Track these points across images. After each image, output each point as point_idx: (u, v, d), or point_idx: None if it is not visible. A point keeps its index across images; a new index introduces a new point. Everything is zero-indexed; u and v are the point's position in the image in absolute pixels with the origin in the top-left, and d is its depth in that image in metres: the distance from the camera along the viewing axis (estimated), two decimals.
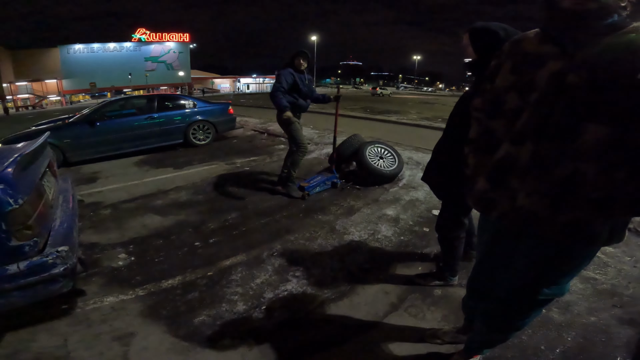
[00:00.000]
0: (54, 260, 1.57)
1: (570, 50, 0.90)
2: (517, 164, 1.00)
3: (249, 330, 1.81)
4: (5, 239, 1.46)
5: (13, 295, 1.55)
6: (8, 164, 1.63)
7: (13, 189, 1.50)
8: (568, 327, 1.78)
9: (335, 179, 4.04)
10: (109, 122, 6.14)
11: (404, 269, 2.32)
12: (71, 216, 2.09)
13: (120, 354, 1.67)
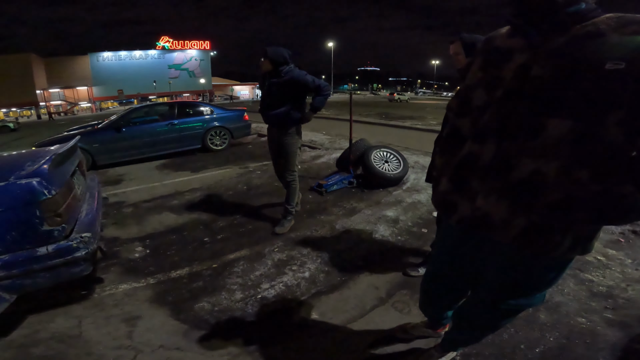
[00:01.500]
0: (77, 244, 1.81)
1: (536, 42, 0.87)
2: (479, 163, 0.96)
3: (243, 315, 1.99)
4: (38, 223, 1.70)
5: (40, 276, 1.78)
6: (44, 161, 1.89)
7: (47, 182, 1.75)
8: (552, 327, 1.77)
9: (352, 178, 4.28)
10: (134, 128, 6.55)
11: (396, 266, 2.43)
12: (95, 209, 2.34)
13: (126, 334, 1.87)
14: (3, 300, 1.72)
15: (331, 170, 5.00)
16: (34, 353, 1.76)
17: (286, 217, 3.12)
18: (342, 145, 6.76)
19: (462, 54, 1.77)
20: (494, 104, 0.94)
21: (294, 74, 2.83)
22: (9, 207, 1.64)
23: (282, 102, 2.87)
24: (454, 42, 1.82)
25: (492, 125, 0.93)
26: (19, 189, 1.68)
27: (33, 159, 2.04)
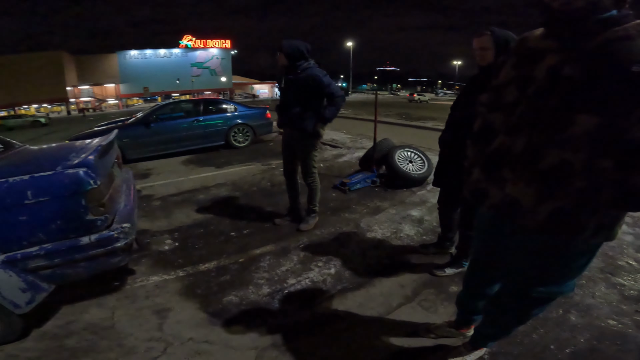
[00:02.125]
0: (118, 234, 1.87)
1: (568, 45, 0.94)
2: (510, 153, 1.05)
3: (270, 310, 2.03)
4: (84, 213, 1.76)
5: (80, 266, 1.83)
6: (90, 152, 1.95)
7: (94, 172, 1.80)
8: (583, 329, 1.77)
9: (375, 177, 4.29)
10: (161, 124, 6.74)
11: (422, 265, 2.41)
12: (132, 201, 2.41)
13: (156, 326, 1.93)
14: (42, 290, 1.78)
15: (353, 169, 5.00)
16: (68, 344, 1.83)
17: (310, 215, 3.14)
18: (364, 144, 6.75)
19: (491, 49, 1.70)
20: (526, 100, 1.01)
21: (312, 71, 2.66)
22: (55, 196, 1.71)
23: (298, 102, 2.73)
24: (482, 36, 1.74)
25: (524, 120, 1.01)
26: (66, 178, 1.74)
27: (77, 150, 2.11)
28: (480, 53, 1.76)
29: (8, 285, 1.64)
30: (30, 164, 2.01)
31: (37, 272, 1.74)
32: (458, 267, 2.29)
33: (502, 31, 1.71)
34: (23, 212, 1.66)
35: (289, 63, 2.69)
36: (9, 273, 1.65)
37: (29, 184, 1.67)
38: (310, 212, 3.13)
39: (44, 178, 1.72)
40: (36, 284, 1.74)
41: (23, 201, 1.65)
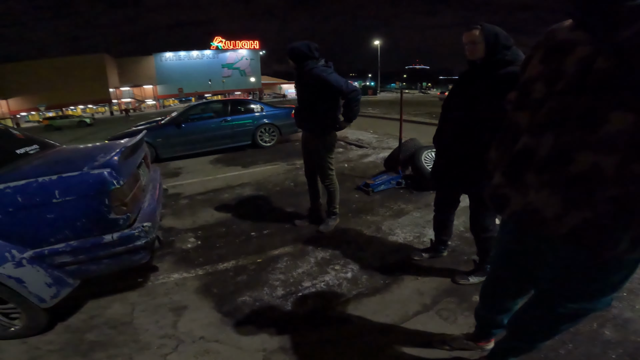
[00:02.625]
0: (139, 233, 1.93)
1: (600, 34, 0.86)
2: (534, 156, 0.95)
3: (282, 312, 2.02)
4: (107, 212, 1.84)
5: (103, 263, 1.92)
6: (115, 153, 2.03)
7: (117, 173, 1.88)
8: (618, 345, 1.63)
9: (400, 179, 4.16)
10: (192, 125, 6.97)
11: (445, 272, 2.31)
12: (156, 201, 2.49)
13: (171, 323, 1.98)
14: (67, 285, 1.87)
15: (378, 170, 4.90)
16: (87, 338, 1.91)
17: (330, 217, 3.10)
18: (390, 144, 6.61)
19: (481, 42, 1.69)
20: (554, 96, 0.92)
21: (315, 70, 2.59)
22: (81, 195, 1.79)
23: (310, 104, 2.71)
24: (472, 30, 1.72)
25: (551, 118, 0.92)
26: (92, 178, 1.82)
27: (105, 151, 2.21)
28: (470, 47, 1.74)
29: (35, 279, 1.74)
30: (61, 164, 2.12)
31: (63, 268, 1.84)
32: (483, 275, 2.17)
33: (492, 26, 1.70)
34: (51, 210, 1.75)
35: (296, 65, 2.69)
36: (36, 268, 1.75)
37: (56, 184, 1.76)
38: (331, 214, 3.10)
39: (71, 178, 1.80)
40: (61, 279, 1.84)
41: (51, 200, 1.74)
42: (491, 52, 1.68)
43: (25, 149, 2.38)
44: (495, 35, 1.66)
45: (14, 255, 1.71)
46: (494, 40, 1.66)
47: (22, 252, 1.73)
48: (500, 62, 1.68)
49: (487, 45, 1.67)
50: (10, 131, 2.65)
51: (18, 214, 1.70)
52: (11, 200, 1.69)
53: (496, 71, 1.68)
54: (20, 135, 2.62)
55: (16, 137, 2.56)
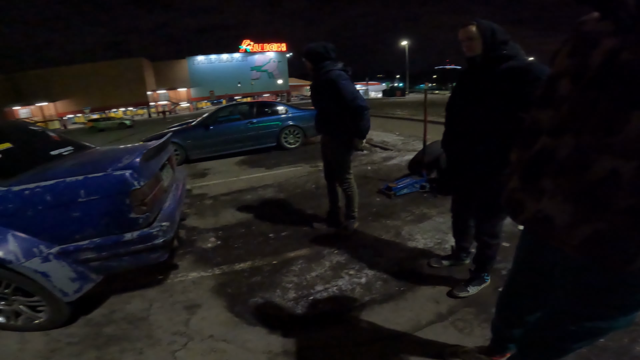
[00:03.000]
0: (157, 232, 2.01)
1: (626, 24, 0.79)
2: (552, 159, 0.90)
3: (291, 315, 2.02)
4: (127, 211, 1.93)
5: (123, 260, 2.01)
6: (136, 155, 2.12)
7: (138, 174, 1.97)
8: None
9: (424, 182, 4.04)
10: (220, 126, 7.18)
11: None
12: (177, 201, 2.58)
13: (184, 320, 2.04)
14: (89, 280, 1.97)
15: (402, 173, 4.80)
16: (105, 332, 1.99)
17: (349, 220, 3.06)
18: (416, 147, 6.45)
19: (478, 39, 1.64)
20: (576, 93, 0.86)
21: (333, 74, 2.52)
22: (105, 195, 1.89)
23: (325, 106, 2.67)
24: (467, 26, 1.67)
25: (572, 117, 0.86)
26: (114, 179, 1.92)
27: (130, 153, 2.31)
28: (467, 44, 1.69)
29: (60, 274, 1.85)
30: (88, 165, 2.24)
31: (86, 264, 1.94)
32: (481, 283, 2.09)
33: (488, 21, 1.66)
34: (77, 209, 1.86)
35: (312, 66, 2.65)
36: (61, 263, 1.86)
37: (82, 184, 1.87)
38: (349, 217, 3.06)
39: (96, 179, 1.91)
40: (85, 275, 1.95)
41: (77, 199, 1.85)
42: (489, 48, 1.64)
43: (59, 151, 2.55)
44: (492, 31, 1.62)
45: (42, 251, 1.82)
46: (490, 35, 1.62)
47: (49, 248, 1.85)
48: (500, 57, 1.63)
49: (484, 41, 1.64)
50: (47, 133, 2.84)
51: (47, 212, 1.82)
52: (41, 199, 1.81)
53: (497, 67, 1.64)
54: (56, 138, 2.81)
55: (52, 139, 2.74)
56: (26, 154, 2.32)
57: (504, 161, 1.64)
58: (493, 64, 1.65)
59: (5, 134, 2.35)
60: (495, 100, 1.64)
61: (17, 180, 1.89)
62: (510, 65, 1.59)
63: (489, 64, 1.66)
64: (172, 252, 2.69)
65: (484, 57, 1.67)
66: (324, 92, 2.62)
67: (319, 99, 2.73)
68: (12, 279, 1.84)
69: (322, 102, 2.68)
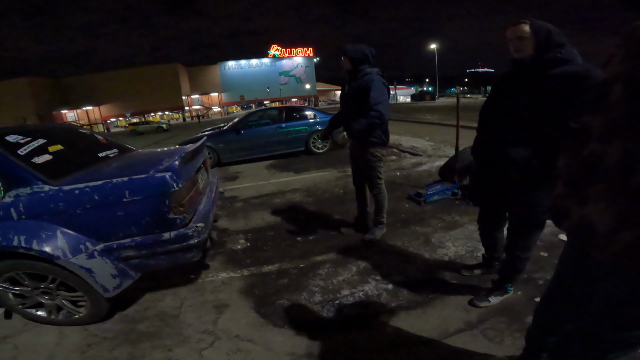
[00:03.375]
0: (192, 232, 2.09)
1: None
2: (600, 165, 0.89)
3: (317, 318, 2.04)
4: (166, 212, 2.02)
5: (160, 259, 2.10)
6: (176, 158, 2.23)
7: (177, 176, 2.06)
8: None
9: (456, 189, 3.96)
10: (250, 131, 7.38)
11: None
12: (211, 203, 2.67)
13: (212, 320, 2.10)
14: (129, 277, 2.07)
15: (433, 179, 4.71)
16: (138, 329, 2.08)
17: (377, 226, 3.05)
18: (447, 152, 6.31)
19: (530, 39, 1.50)
20: (627, 99, 0.86)
21: (369, 77, 2.52)
22: (146, 196, 2.00)
23: (357, 110, 2.60)
24: (519, 24, 1.53)
25: (621, 124, 0.86)
26: (156, 181, 2.02)
27: (169, 155, 2.44)
28: (516, 43, 1.55)
29: (102, 270, 1.97)
30: (132, 167, 2.38)
31: (127, 261, 2.06)
32: (503, 294, 2.02)
33: (543, 22, 1.51)
34: (121, 208, 1.97)
35: (352, 67, 2.62)
36: (105, 260, 1.98)
37: (127, 185, 1.99)
38: (378, 223, 3.05)
39: (140, 180, 2.02)
40: (125, 272, 2.06)
41: (122, 199, 1.97)
42: (542, 50, 1.49)
43: (106, 153, 2.73)
44: (547, 32, 1.48)
45: (88, 247, 1.95)
46: (545, 36, 1.48)
47: (95, 245, 1.98)
48: (554, 60, 1.48)
49: (537, 42, 1.49)
50: (95, 136, 3.05)
51: (94, 211, 1.95)
52: (89, 198, 1.94)
53: (549, 70, 1.49)
54: (103, 140, 3.01)
55: (99, 142, 2.94)
56: (76, 156, 2.48)
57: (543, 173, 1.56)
58: (544, 68, 1.51)
59: (56, 136, 2.52)
60: (541, 107, 1.50)
61: (67, 180, 2.03)
62: (566, 70, 1.45)
63: (540, 67, 1.52)
64: (204, 252, 2.79)
65: (535, 59, 1.53)
66: (356, 96, 2.61)
67: (349, 103, 2.70)
68: (58, 274, 1.96)
69: (356, 104, 2.62)
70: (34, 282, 2.04)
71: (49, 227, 1.91)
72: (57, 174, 2.07)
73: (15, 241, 1.84)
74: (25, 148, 2.13)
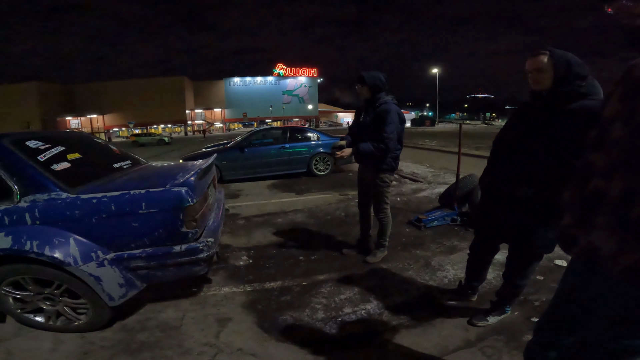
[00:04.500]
0: (202, 247, 2.15)
1: None
2: (604, 200, 0.95)
3: (319, 335, 2.07)
4: (180, 225, 2.08)
5: (169, 270, 2.13)
6: (192, 174, 2.29)
7: (192, 192, 2.13)
8: None
9: (456, 215, 4.05)
10: (254, 150, 7.48)
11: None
12: (219, 219, 2.73)
13: (215, 332, 2.12)
14: (135, 288, 2.09)
15: (432, 205, 4.81)
16: (138, 338, 2.08)
17: (379, 248, 3.11)
18: (447, 179, 6.44)
19: (549, 71, 1.47)
20: (626, 138, 0.91)
21: (387, 106, 2.57)
22: (162, 209, 2.06)
23: (372, 137, 2.64)
24: (539, 55, 1.50)
25: (621, 162, 0.91)
26: (172, 195, 2.08)
27: (183, 170, 2.51)
28: (535, 76, 1.52)
29: (110, 279, 2.00)
30: (148, 179, 2.45)
31: (135, 271, 2.09)
32: (501, 314, 2.09)
33: (564, 52, 1.47)
34: (136, 219, 2.04)
35: (371, 95, 2.64)
36: (114, 269, 2.02)
37: (144, 197, 2.06)
38: (379, 245, 3.11)
39: (156, 193, 2.09)
40: (132, 282, 2.09)
41: (138, 210, 2.03)
42: (561, 83, 1.46)
43: (120, 164, 2.79)
44: (567, 63, 1.45)
45: (99, 256, 1.98)
46: (565, 68, 1.45)
47: (106, 254, 2.01)
48: (572, 94, 1.45)
49: (556, 74, 1.46)
50: (110, 147, 3.14)
51: (109, 220, 2.01)
52: (106, 208, 2.00)
53: (566, 105, 1.46)
54: (117, 151, 3.10)
55: (114, 153, 3.03)
56: (92, 165, 2.54)
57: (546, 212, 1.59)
58: (563, 101, 1.47)
59: (74, 145, 2.57)
60: (556, 143, 1.46)
61: (84, 189, 2.08)
62: (584, 105, 1.40)
63: (558, 100, 1.48)
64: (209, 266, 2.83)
65: (552, 91, 1.49)
66: (374, 122, 2.63)
67: (363, 130, 2.73)
68: (66, 280, 1.96)
69: (367, 133, 2.66)
70: (37, 287, 2.03)
71: (63, 234, 1.93)
72: (75, 182, 2.10)
73: (27, 246, 1.86)
74: (45, 154, 2.17)
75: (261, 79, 62.44)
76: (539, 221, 1.66)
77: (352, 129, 2.96)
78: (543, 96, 1.54)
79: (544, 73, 1.49)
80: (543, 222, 1.65)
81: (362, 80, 2.63)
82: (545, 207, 1.60)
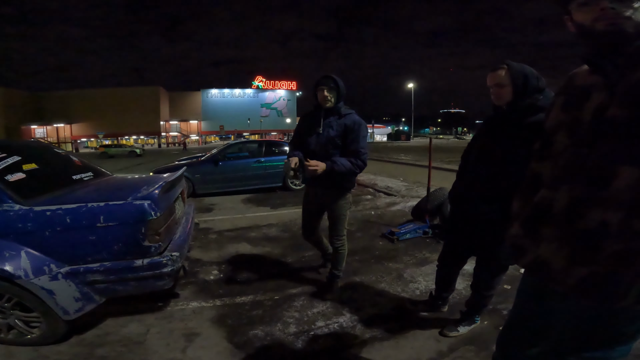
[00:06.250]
0: (166, 261, 2.07)
1: (613, 79, 0.81)
2: (550, 210, 0.93)
3: (291, 350, 2.02)
4: (142, 239, 2.00)
5: (130, 285, 2.05)
6: (156, 187, 2.22)
7: (156, 205, 2.06)
8: None
9: (427, 228, 4.11)
10: (228, 163, 7.37)
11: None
12: (187, 233, 2.65)
13: (181, 347, 2.04)
14: (92, 302, 2.00)
15: (406, 218, 4.87)
16: (97, 353, 1.98)
17: (335, 281, 2.66)
18: (420, 193, 6.57)
19: (508, 85, 1.49)
20: (570, 148, 0.90)
21: (358, 120, 2.28)
22: (122, 222, 1.99)
23: (335, 151, 2.30)
24: (497, 70, 1.53)
25: (567, 172, 0.90)
26: (134, 208, 2.02)
27: (148, 183, 2.42)
28: (496, 91, 1.54)
29: (65, 293, 1.90)
30: (109, 192, 2.35)
31: (93, 285, 1.99)
32: (471, 324, 2.12)
33: (521, 65, 1.51)
34: (94, 233, 1.94)
35: (334, 104, 2.28)
36: (69, 283, 1.91)
37: (103, 210, 1.97)
38: (335, 277, 2.64)
39: (116, 206, 2.01)
40: (89, 296, 1.99)
41: (96, 224, 1.94)
42: (519, 96, 1.47)
43: (80, 175, 2.66)
44: (525, 76, 1.47)
45: (52, 269, 1.88)
46: (522, 81, 1.47)
47: (59, 267, 1.91)
48: (531, 107, 1.47)
49: (515, 88, 1.48)
50: (71, 158, 2.99)
51: (64, 233, 1.91)
52: (61, 220, 1.90)
53: (525, 119, 1.48)
54: (78, 162, 2.96)
55: (74, 164, 2.89)
56: (50, 176, 2.43)
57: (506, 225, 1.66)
58: (522, 115, 1.48)
59: (32, 155, 2.45)
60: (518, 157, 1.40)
61: (39, 200, 1.99)
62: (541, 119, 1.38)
63: (518, 114, 1.49)
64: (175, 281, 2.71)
65: (512, 105, 1.50)
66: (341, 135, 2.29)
67: (325, 142, 2.30)
68: (17, 293, 1.87)
69: (331, 146, 2.30)
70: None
71: (14, 247, 1.85)
72: (29, 194, 2.02)
73: None
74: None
75: (239, 91, 61.71)
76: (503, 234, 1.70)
77: (306, 142, 2.40)
78: (504, 111, 1.57)
79: (504, 87, 1.52)
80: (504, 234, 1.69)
81: (333, 84, 2.25)
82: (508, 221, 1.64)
